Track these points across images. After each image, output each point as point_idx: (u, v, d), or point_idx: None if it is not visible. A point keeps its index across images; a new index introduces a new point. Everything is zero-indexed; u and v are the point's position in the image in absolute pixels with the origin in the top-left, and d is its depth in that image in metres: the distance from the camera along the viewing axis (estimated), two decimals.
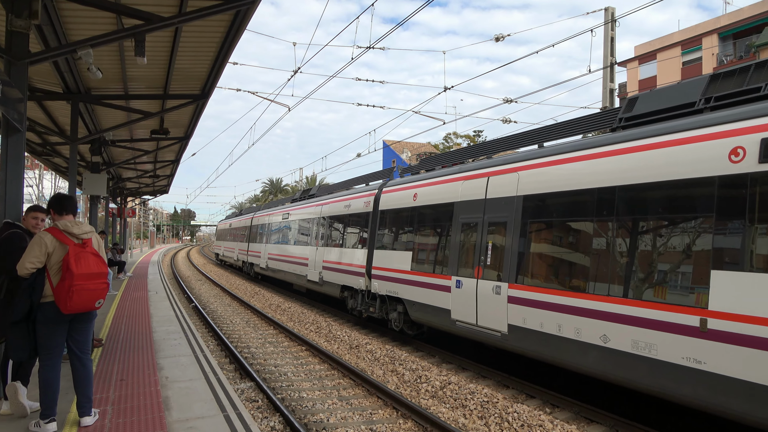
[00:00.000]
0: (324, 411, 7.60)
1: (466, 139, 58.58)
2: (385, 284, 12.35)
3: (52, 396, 4.82)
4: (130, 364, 7.49)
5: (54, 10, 7.45)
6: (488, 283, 8.87)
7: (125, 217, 32.91)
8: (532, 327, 7.88)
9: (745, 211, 5.41)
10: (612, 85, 15.05)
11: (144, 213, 75.51)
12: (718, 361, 5.47)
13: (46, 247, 4.73)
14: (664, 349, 5.99)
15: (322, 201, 17.83)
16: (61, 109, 12.60)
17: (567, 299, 7.32)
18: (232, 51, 8.90)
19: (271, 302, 19.35)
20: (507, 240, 8.61)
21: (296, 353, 11.43)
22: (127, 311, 12.46)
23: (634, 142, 6.80)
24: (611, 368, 6.70)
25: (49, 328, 4.80)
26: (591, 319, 6.91)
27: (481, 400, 7.81)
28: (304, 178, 60.50)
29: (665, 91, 7.27)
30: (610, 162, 7.02)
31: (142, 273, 25.02)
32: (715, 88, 6.59)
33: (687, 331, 5.77)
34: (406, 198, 12.05)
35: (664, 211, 6.34)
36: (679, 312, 5.88)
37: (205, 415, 5.46)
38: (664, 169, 6.28)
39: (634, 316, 6.37)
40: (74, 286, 4.60)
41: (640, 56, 37.31)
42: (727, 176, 5.60)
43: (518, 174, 8.62)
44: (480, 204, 9.43)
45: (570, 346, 7.24)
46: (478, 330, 9.11)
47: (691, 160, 5.99)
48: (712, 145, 5.83)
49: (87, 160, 17.55)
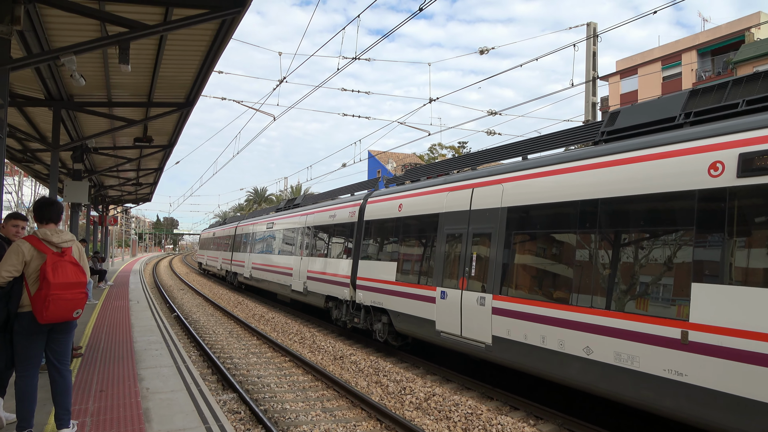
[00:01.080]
0: (307, 423, 7.52)
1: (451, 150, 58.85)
2: (370, 295, 12.31)
3: (28, 407, 4.70)
4: (110, 374, 7.35)
5: (37, 16, 7.37)
6: (473, 294, 8.88)
7: (107, 225, 32.49)
8: (516, 338, 7.89)
9: (724, 224, 5.50)
10: (594, 99, 15.27)
11: (126, 221, 74.62)
12: (699, 374, 5.50)
13: (23, 255, 4.64)
14: (646, 361, 6.02)
15: (307, 211, 17.80)
16: (43, 116, 12.44)
17: (550, 311, 7.34)
18: (217, 60, 8.87)
19: (255, 312, 19.18)
20: (491, 251, 8.64)
21: (280, 364, 11.32)
22: (107, 320, 12.25)
23: (615, 155, 6.87)
24: (594, 380, 6.71)
25: (27, 339, 4.69)
26: (574, 330, 6.93)
27: (466, 412, 7.80)
28: (289, 188, 60.34)
29: (646, 105, 7.37)
30: (592, 175, 7.09)
31: (124, 282, 24.67)
32: (695, 103, 6.70)
33: (668, 343, 5.80)
34: (391, 208, 12.04)
35: (646, 224, 6.39)
36: (661, 324, 5.92)
37: (186, 427, 5.37)
38: (645, 183, 6.34)
39: (616, 327, 6.39)
40: (50, 295, 4.50)
41: (622, 71, 37.97)
42: (706, 190, 5.68)
43: (503, 186, 8.65)
44: (465, 215, 9.45)
45: (554, 357, 7.24)
46: (462, 341, 9.10)
47: (672, 174, 6.07)
48: (691, 159, 5.91)
49: (68, 167, 17.32)
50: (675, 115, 6.77)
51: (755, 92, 6.11)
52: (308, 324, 16.64)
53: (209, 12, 6.77)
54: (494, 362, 8.65)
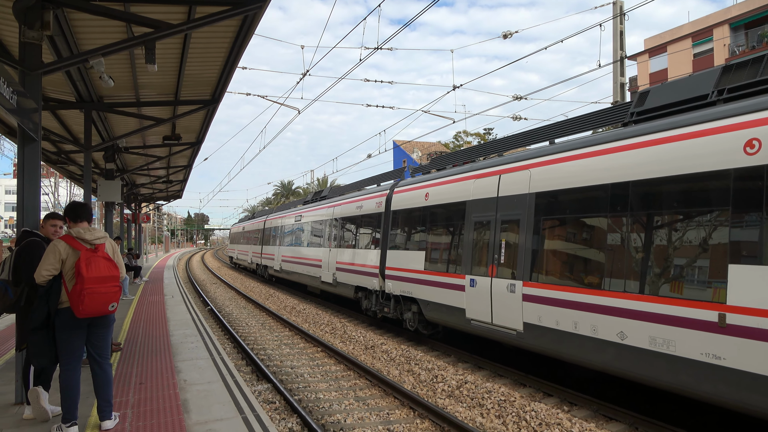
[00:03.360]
0: (341, 412, 7.62)
1: (477, 138, 58.32)
2: (399, 284, 12.39)
3: (72, 400, 4.88)
4: (149, 367, 7.56)
5: (65, 20, 7.54)
6: (502, 281, 8.85)
7: (140, 223, 33.23)
8: (547, 325, 7.84)
9: (762, 203, 5.36)
10: (622, 79, 14.93)
11: (158, 218, 76.16)
12: (737, 357, 5.40)
13: (60, 254, 4.81)
14: (683, 346, 5.93)
15: (333, 202, 17.94)
16: (75, 118, 12.75)
17: (582, 296, 7.27)
18: (241, 55, 8.95)
19: (286, 304, 19.43)
20: (520, 238, 8.59)
21: (312, 354, 11.47)
22: (144, 315, 12.58)
23: (646, 136, 6.74)
24: (629, 365, 6.64)
25: (68, 334, 4.87)
26: (607, 315, 6.86)
27: (498, 399, 7.79)
28: (316, 180, 60.68)
29: (677, 83, 7.17)
30: (622, 157, 6.97)
31: (158, 277, 25.25)
32: (728, 79, 6.50)
33: (705, 326, 5.70)
34: (417, 198, 12.08)
35: (679, 205, 6.27)
36: (697, 307, 5.81)
37: (223, 417, 5.50)
38: (678, 163, 6.21)
39: (651, 312, 6.32)
40: (85, 289, 4.69)
41: (651, 49, 36.97)
42: (742, 168, 5.54)
43: (530, 171, 8.59)
44: (492, 202, 9.41)
45: (586, 343, 7.19)
46: (493, 329, 9.09)
47: (706, 154, 5.92)
48: (726, 137, 5.75)
49: (101, 167, 17.74)
50: (707, 93, 6.58)
51: None
52: (339, 315, 16.78)
53: (231, 8, 6.83)
54: (526, 349, 8.62)
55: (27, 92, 5.79)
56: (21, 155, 5.94)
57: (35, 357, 4.96)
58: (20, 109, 5.42)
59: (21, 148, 5.95)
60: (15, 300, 5.15)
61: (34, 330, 4.84)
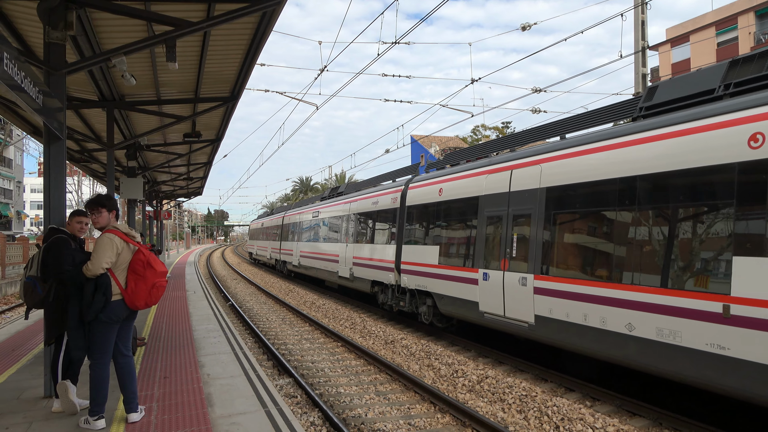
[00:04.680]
0: (362, 406, 7.65)
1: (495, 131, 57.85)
2: (414, 278, 12.58)
3: (104, 394, 4.99)
4: (173, 362, 7.67)
5: (88, 20, 7.64)
6: (514, 275, 9.00)
7: (161, 220, 33.63)
8: (558, 317, 7.98)
9: (766, 196, 5.42)
10: (644, 70, 14.68)
11: (179, 215, 77.08)
12: (741, 347, 5.50)
13: (117, 248, 4.96)
14: (689, 336, 6.06)
15: (350, 198, 18.23)
16: (98, 117, 12.94)
17: (592, 289, 7.40)
18: (260, 52, 8.97)
19: (306, 299, 19.55)
20: (531, 232, 8.74)
21: (332, 349, 11.53)
22: (167, 311, 12.76)
23: (653, 131, 6.82)
24: (637, 356, 6.76)
25: (111, 327, 4.97)
26: (616, 308, 6.99)
27: (520, 394, 7.75)
28: (334, 176, 60.81)
29: (684, 78, 7.23)
30: (630, 152, 7.07)
31: (180, 273, 25.59)
32: (735, 74, 6.55)
33: (710, 317, 5.82)
34: (431, 193, 12.24)
35: (686, 199, 6.37)
36: (702, 299, 5.92)
37: (247, 410, 5.56)
38: (685, 158, 6.30)
39: (658, 303, 6.43)
40: (157, 283, 5.00)
41: (673, 39, 36.27)
42: (747, 162, 5.61)
43: (541, 166, 8.71)
44: (504, 197, 9.56)
45: (596, 335, 7.31)
46: (506, 321, 9.24)
47: (711, 148, 6.01)
48: (731, 131, 5.83)
49: (123, 165, 18.01)
50: (714, 87, 6.65)
51: None
52: (358, 309, 16.84)
53: (250, 5, 6.85)
54: (537, 341, 8.78)
55: (52, 92, 5.88)
56: (47, 154, 6.04)
57: (77, 350, 5.11)
58: (46, 108, 5.51)
59: (47, 147, 6.05)
60: (44, 296, 5.25)
61: (79, 324, 4.98)
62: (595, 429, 6.49)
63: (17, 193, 56.51)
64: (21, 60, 4.70)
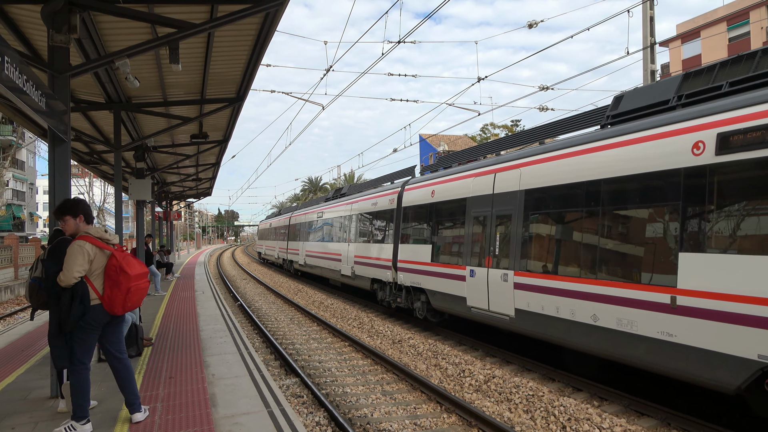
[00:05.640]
0: (368, 406, 7.64)
1: (504, 130, 57.60)
2: (409, 276, 13.27)
3: (87, 397, 4.92)
4: (179, 362, 7.70)
5: (92, 23, 7.68)
6: (497, 271, 9.66)
7: (171, 220, 33.86)
8: (534, 310, 8.62)
9: (705, 198, 6.07)
10: (653, 66, 14.53)
11: (189, 215, 77.59)
12: (686, 334, 6.12)
13: (89, 254, 4.86)
14: (643, 325, 6.69)
15: (352, 199, 18.93)
16: (105, 119, 13.02)
17: (562, 283, 8.06)
18: (264, 52, 8.99)
19: (314, 299, 19.58)
20: (511, 231, 9.41)
21: (339, 349, 11.53)
22: (175, 311, 12.83)
23: (614, 138, 7.46)
24: (600, 344, 7.38)
25: (91, 332, 4.90)
26: (583, 300, 7.64)
27: (527, 394, 7.71)
28: (342, 176, 60.90)
29: (646, 89, 7.84)
30: (594, 157, 7.72)
31: (189, 274, 25.73)
32: (687, 86, 7.15)
33: (660, 308, 6.44)
34: (424, 195, 12.92)
35: (641, 200, 6.95)
36: (653, 291, 6.56)
37: (250, 411, 5.57)
38: (640, 163, 6.93)
39: (617, 296, 7.07)
40: (132, 287, 4.85)
41: (683, 34, 35.92)
42: (690, 168, 6.24)
43: (520, 170, 9.36)
44: (488, 199, 10.22)
45: (567, 326, 7.96)
46: (490, 315, 9.91)
47: (662, 154, 6.63)
48: (678, 140, 6.46)
49: (132, 166, 18.13)
50: (669, 98, 7.24)
51: (737, 74, 6.54)
52: (366, 309, 16.85)
53: (252, 6, 6.86)
54: (517, 332, 9.37)
55: (56, 95, 5.92)
56: (51, 156, 6.09)
57: (60, 360, 5.02)
58: (49, 111, 5.55)
59: (51, 149, 6.10)
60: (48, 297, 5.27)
61: (57, 335, 4.91)
62: (602, 429, 6.43)
63: (30, 194, 57.14)
64: (23, 63, 4.73)
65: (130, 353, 7.95)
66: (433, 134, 40.00)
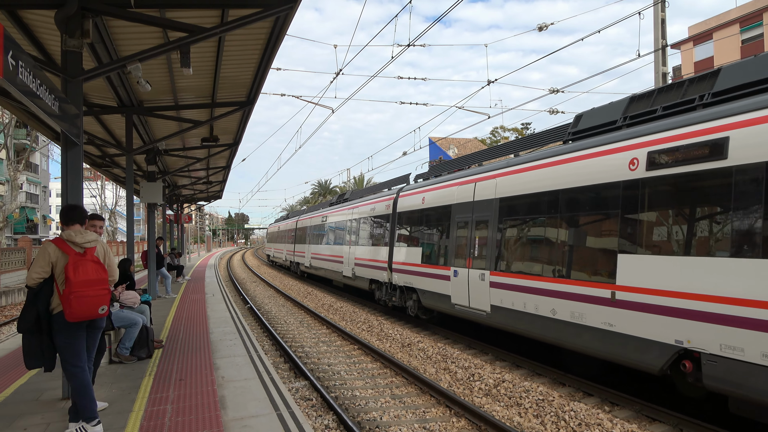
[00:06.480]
0: (377, 409, 7.63)
1: (514, 132, 57.37)
2: (403, 276, 14.29)
3: (91, 397, 4.89)
4: (189, 364, 7.74)
5: (104, 28, 7.77)
6: (476, 271, 10.61)
7: (182, 223, 34.08)
8: (507, 306, 9.55)
9: (638, 207, 7.04)
10: (665, 69, 14.43)
11: (200, 218, 78.02)
12: (623, 324, 7.06)
13: (50, 257, 4.81)
14: (590, 317, 7.62)
15: (353, 205, 20.04)
16: (117, 122, 13.16)
17: (527, 282, 9.04)
18: (274, 56, 9.04)
19: (324, 302, 19.61)
20: (488, 235, 10.37)
21: (349, 352, 11.53)
22: (185, 313, 12.90)
23: (570, 154, 8.43)
24: (558, 335, 8.28)
25: (67, 336, 4.86)
26: (544, 296, 8.56)
27: (537, 399, 7.66)
28: (352, 179, 60.93)
29: (600, 110, 8.78)
30: (554, 170, 8.69)
31: (200, 276, 25.86)
32: (632, 108, 8.05)
33: (603, 301, 7.38)
34: (416, 201, 13.97)
35: (590, 208, 7.92)
36: (598, 287, 7.49)
37: (259, 413, 5.58)
38: (589, 176, 7.89)
39: (570, 292, 8.01)
40: (73, 293, 4.66)
41: (695, 36, 35.62)
42: (627, 181, 7.22)
43: (496, 180, 10.35)
44: (470, 206, 11.21)
45: (532, 319, 8.86)
46: (470, 311, 10.82)
47: (606, 168, 7.59)
48: (619, 156, 7.42)
49: (143, 169, 18.29)
50: (617, 119, 8.19)
51: (670, 100, 7.43)
52: (375, 312, 16.84)
53: (262, 10, 6.91)
54: (493, 327, 10.26)
55: (69, 98, 5.99)
56: (64, 159, 6.16)
57: (26, 357, 4.87)
58: (62, 114, 5.61)
59: (64, 152, 6.16)
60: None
61: (25, 332, 4.82)
62: None
63: (43, 197, 57.73)
64: (37, 67, 4.79)
65: (141, 355, 8.00)
66: (443, 137, 39.96)
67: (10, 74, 4.07)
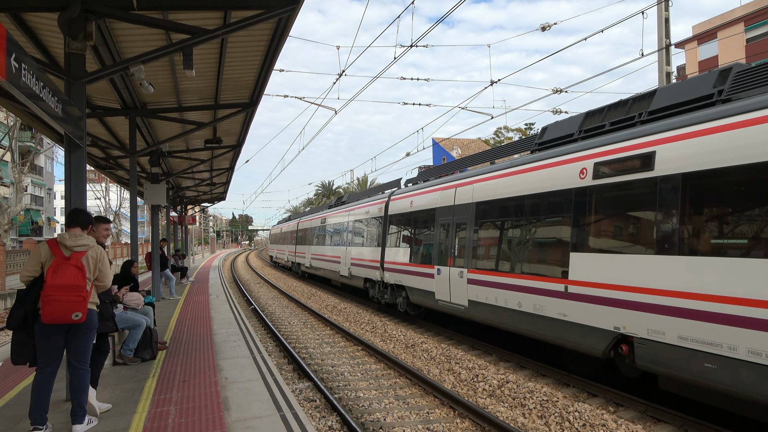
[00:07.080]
0: (381, 410, 7.61)
1: (518, 133, 57.29)
2: (393, 275, 15.21)
3: (38, 403, 4.85)
4: (192, 365, 7.74)
5: (107, 30, 7.79)
6: (456, 269, 11.57)
7: (186, 225, 34.15)
8: (481, 300, 10.48)
9: (586, 211, 7.95)
10: (668, 68, 14.38)
11: (204, 220, 78.17)
12: (573, 313, 7.97)
13: (40, 256, 4.85)
14: (549, 308, 8.50)
15: (349, 207, 21.00)
16: (121, 124, 13.19)
17: (497, 278, 9.98)
18: (277, 58, 9.05)
19: (328, 303, 19.61)
20: (467, 236, 11.30)
21: (352, 353, 11.52)
22: (189, 315, 12.91)
23: (533, 163, 9.35)
24: (524, 326, 9.20)
25: (42, 337, 4.86)
26: (512, 291, 9.47)
27: (541, 399, 7.63)
28: (355, 180, 60.94)
29: (562, 123, 9.72)
30: (520, 177, 9.65)
31: (204, 278, 25.89)
32: (587, 122, 8.97)
33: (558, 294, 8.29)
34: (405, 204, 14.91)
35: (548, 212, 8.90)
36: (554, 282, 8.39)
37: (262, 414, 5.57)
38: (548, 183, 8.82)
39: (533, 287, 8.90)
40: (46, 296, 4.65)
41: (699, 35, 35.49)
42: (578, 188, 8.12)
43: (473, 186, 11.30)
44: (451, 209, 12.13)
45: (502, 312, 9.78)
46: (451, 305, 11.77)
47: (562, 176, 8.50)
48: (572, 166, 8.34)
49: (147, 171, 18.33)
50: (573, 132, 9.14)
51: (617, 116, 8.32)
52: (379, 314, 16.83)
53: (265, 12, 6.91)
54: (470, 320, 11.24)
55: (72, 101, 6.00)
56: (67, 161, 6.17)
57: (13, 354, 4.91)
58: (66, 117, 5.63)
59: (67, 154, 6.18)
60: None
61: (14, 329, 4.86)
62: None
63: (48, 200, 57.92)
64: (40, 70, 4.80)
65: (145, 356, 8.01)
66: (446, 138, 39.94)
67: (13, 77, 4.08)
